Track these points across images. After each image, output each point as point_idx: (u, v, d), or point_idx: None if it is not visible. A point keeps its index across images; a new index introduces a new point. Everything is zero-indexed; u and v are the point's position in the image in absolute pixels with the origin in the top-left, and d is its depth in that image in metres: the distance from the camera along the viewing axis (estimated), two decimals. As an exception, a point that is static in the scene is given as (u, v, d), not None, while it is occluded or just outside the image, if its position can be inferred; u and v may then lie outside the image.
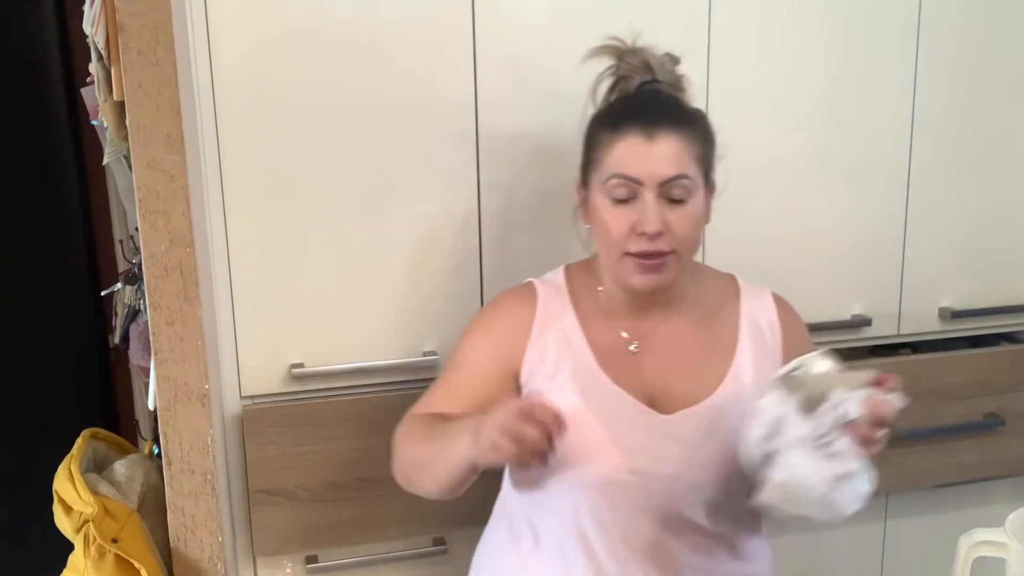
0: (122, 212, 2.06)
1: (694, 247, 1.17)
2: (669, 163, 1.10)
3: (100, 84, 1.29)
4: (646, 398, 1.18)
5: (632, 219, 1.11)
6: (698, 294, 1.23)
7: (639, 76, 1.19)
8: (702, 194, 1.15)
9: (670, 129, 1.11)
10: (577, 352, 1.19)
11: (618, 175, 1.11)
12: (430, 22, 1.29)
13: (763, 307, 1.24)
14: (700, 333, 1.22)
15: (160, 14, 1.14)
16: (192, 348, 1.22)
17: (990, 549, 0.93)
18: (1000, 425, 1.58)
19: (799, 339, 1.24)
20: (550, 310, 1.22)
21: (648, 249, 1.11)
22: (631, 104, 1.17)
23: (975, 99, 1.52)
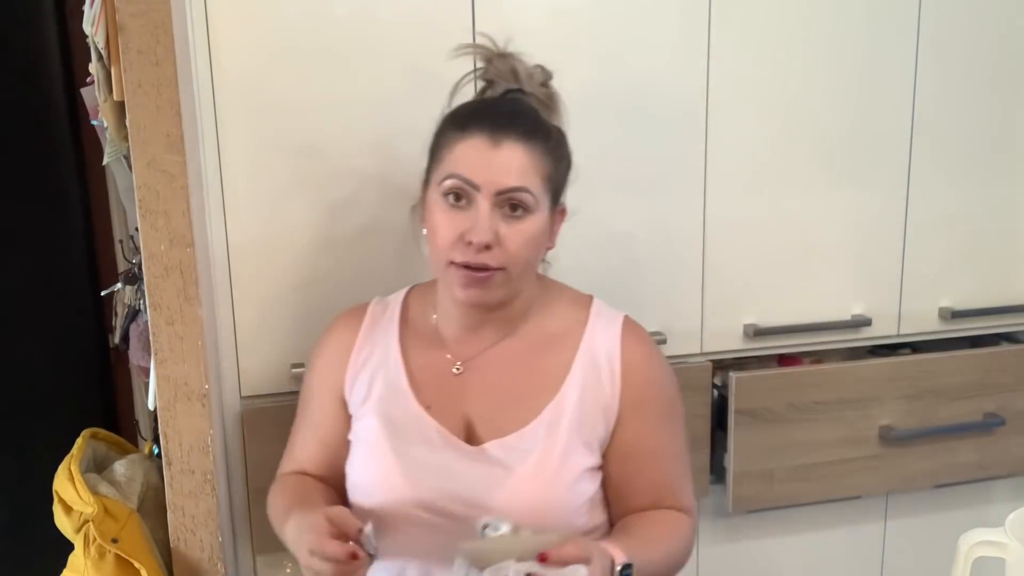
0: (122, 212, 2.06)
1: (528, 267, 1.10)
2: (511, 173, 1.04)
3: (100, 84, 1.28)
4: (462, 425, 1.11)
5: (463, 226, 1.04)
6: (542, 317, 1.16)
7: (505, 83, 1.13)
8: (545, 215, 1.08)
9: (519, 138, 1.05)
10: (392, 375, 1.14)
11: (455, 175, 1.05)
12: (430, 22, 1.29)
13: (608, 337, 1.14)
14: (532, 360, 1.14)
15: (160, 14, 1.14)
16: (192, 348, 1.22)
17: (990, 549, 0.93)
18: (1000, 425, 1.59)
19: (643, 378, 1.13)
20: (375, 331, 1.18)
21: (473, 261, 1.04)
22: (484, 106, 1.12)
23: (975, 99, 1.52)
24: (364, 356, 1.17)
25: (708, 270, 1.44)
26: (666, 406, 1.16)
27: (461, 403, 1.12)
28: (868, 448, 1.53)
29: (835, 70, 1.45)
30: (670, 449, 1.16)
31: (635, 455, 1.12)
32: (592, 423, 1.12)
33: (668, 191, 1.41)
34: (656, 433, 1.14)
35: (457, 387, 1.13)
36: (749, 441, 1.47)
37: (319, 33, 1.27)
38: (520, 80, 1.13)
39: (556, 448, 1.08)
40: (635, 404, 1.12)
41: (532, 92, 1.13)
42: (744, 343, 1.48)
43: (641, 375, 1.13)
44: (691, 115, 1.39)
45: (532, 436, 1.10)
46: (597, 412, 1.12)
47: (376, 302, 1.22)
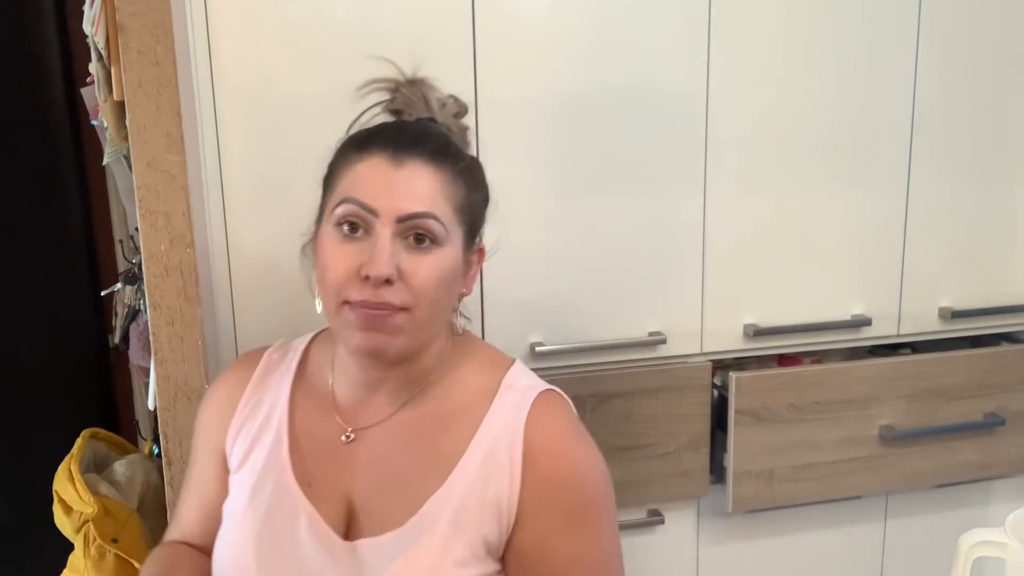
0: (122, 212, 2.06)
1: (436, 311, 0.94)
2: (415, 196, 0.90)
3: (100, 84, 1.29)
4: (343, 511, 0.96)
5: (360, 259, 0.90)
6: (449, 385, 0.99)
7: (416, 112, 1.01)
8: (457, 251, 0.94)
9: (426, 160, 0.92)
10: (274, 440, 0.99)
11: (349, 199, 0.91)
12: (430, 22, 1.29)
13: (514, 416, 0.96)
14: (425, 438, 0.97)
15: (160, 14, 1.14)
16: (192, 348, 1.22)
17: (990, 549, 0.93)
18: (1000, 425, 1.59)
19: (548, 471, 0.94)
20: (266, 383, 1.03)
21: (372, 300, 0.89)
22: (386, 126, 0.99)
23: (975, 98, 1.52)
24: (247, 413, 1.02)
25: (708, 270, 1.44)
26: (582, 505, 0.96)
27: (345, 483, 0.96)
28: (868, 448, 1.53)
29: (835, 70, 1.45)
30: (587, 560, 0.96)
31: (536, 567, 0.94)
32: (480, 523, 0.93)
33: (668, 191, 1.41)
34: (565, 541, 0.94)
35: (343, 461, 0.97)
36: (749, 441, 1.47)
37: (319, 33, 1.27)
38: (431, 109, 1.02)
39: (427, 553, 0.91)
40: (538, 504, 0.94)
41: (445, 123, 1.02)
42: (744, 343, 1.48)
43: (546, 467, 0.94)
44: (691, 115, 1.40)
45: (406, 535, 0.93)
46: (487, 510, 0.93)
47: (276, 347, 1.07)
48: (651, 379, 1.42)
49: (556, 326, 1.39)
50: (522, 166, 1.35)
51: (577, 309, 1.40)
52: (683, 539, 1.53)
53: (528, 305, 1.38)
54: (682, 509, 1.51)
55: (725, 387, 1.47)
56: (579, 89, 1.35)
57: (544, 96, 1.34)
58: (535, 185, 1.36)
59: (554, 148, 1.36)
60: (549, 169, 1.36)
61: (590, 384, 1.40)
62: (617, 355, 1.42)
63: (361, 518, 0.95)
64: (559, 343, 1.39)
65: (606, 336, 1.41)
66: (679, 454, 1.45)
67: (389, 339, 0.91)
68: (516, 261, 1.37)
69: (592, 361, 1.41)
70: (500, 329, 1.37)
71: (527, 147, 1.35)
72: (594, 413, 1.40)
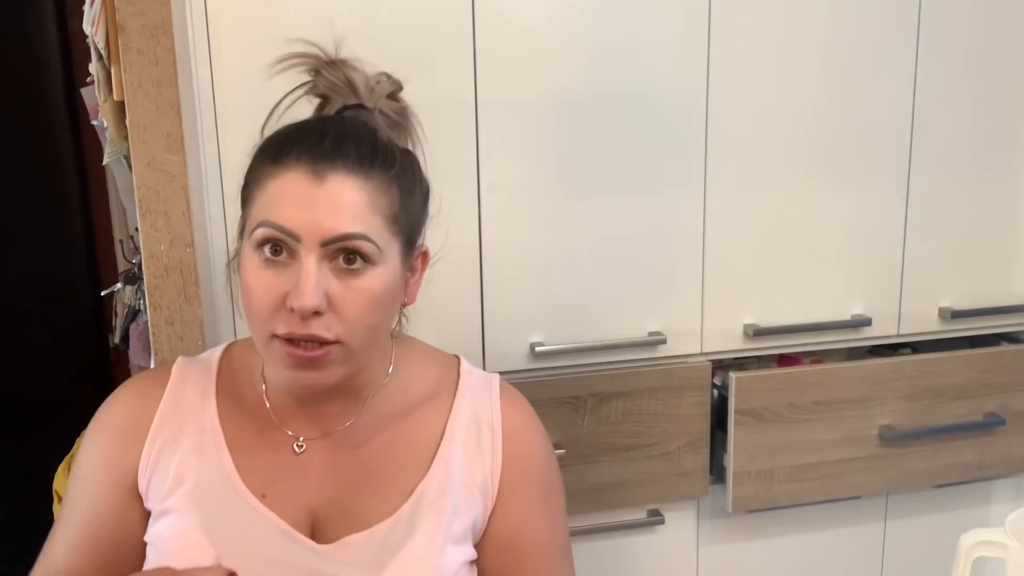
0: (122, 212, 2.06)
1: (374, 335, 0.88)
2: (340, 215, 0.82)
3: (100, 84, 1.29)
4: (307, 518, 0.91)
5: (283, 287, 0.82)
6: (400, 382, 0.97)
7: (341, 99, 0.92)
8: (395, 265, 0.87)
9: (350, 170, 0.84)
10: (211, 457, 0.92)
11: (267, 223, 0.83)
12: (430, 22, 1.29)
13: (486, 400, 0.97)
14: (393, 434, 0.95)
15: (160, 14, 1.14)
16: (192, 348, 1.22)
17: (990, 549, 0.93)
18: (1000, 425, 1.59)
19: (525, 450, 0.96)
20: (183, 401, 0.94)
21: (300, 333, 0.82)
22: (302, 130, 0.89)
23: (975, 99, 1.52)
24: (168, 435, 0.92)
25: (708, 270, 1.44)
26: (550, 484, 0.99)
27: (302, 491, 0.91)
28: (868, 448, 1.53)
29: (835, 70, 1.45)
30: (557, 538, 0.99)
31: (516, 545, 0.96)
32: (469, 506, 0.94)
33: (668, 191, 1.41)
34: (540, 518, 0.97)
35: (298, 471, 0.92)
36: (749, 441, 1.47)
37: (319, 33, 1.26)
38: (359, 92, 0.91)
39: (430, 542, 0.90)
40: (516, 481, 0.95)
41: (376, 107, 0.92)
42: (744, 343, 1.48)
43: (524, 446, 0.96)
44: (691, 115, 1.40)
45: (397, 527, 0.90)
46: (473, 492, 0.94)
47: (182, 364, 0.98)
48: (651, 379, 1.42)
49: (556, 326, 1.39)
50: (522, 166, 1.35)
51: (577, 309, 1.40)
52: (683, 539, 1.53)
53: (528, 305, 1.38)
54: (682, 509, 1.51)
55: (725, 387, 1.47)
56: (579, 89, 1.35)
57: (544, 96, 1.34)
58: (535, 185, 1.36)
59: (554, 148, 1.36)
60: (549, 169, 1.36)
61: (590, 384, 1.40)
62: (617, 355, 1.42)
63: (329, 525, 0.91)
64: (559, 343, 1.39)
65: (606, 336, 1.41)
66: (679, 454, 1.45)
67: (322, 375, 0.85)
68: (516, 261, 1.37)
69: (592, 361, 1.41)
70: (500, 329, 1.37)
71: (527, 147, 1.35)
72: (594, 413, 1.41)
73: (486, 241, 1.36)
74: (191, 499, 0.90)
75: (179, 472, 0.91)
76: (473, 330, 1.36)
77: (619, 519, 1.47)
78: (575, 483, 1.42)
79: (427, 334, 1.38)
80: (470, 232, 1.36)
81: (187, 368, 0.97)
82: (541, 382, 1.38)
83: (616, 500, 1.45)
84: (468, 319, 1.35)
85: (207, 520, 0.89)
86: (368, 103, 0.92)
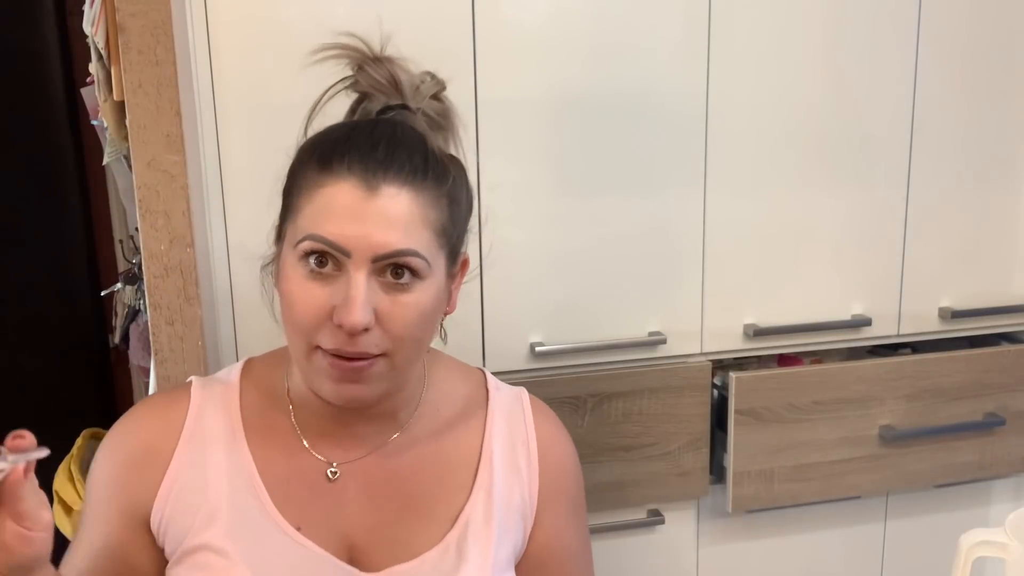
0: (122, 212, 2.06)
1: (419, 350, 0.85)
2: (392, 230, 0.78)
3: (100, 84, 1.29)
4: (345, 548, 0.87)
5: (331, 301, 0.79)
6: (433, 401, 0.93)
7: (384, 97, 0.89)
8: (441, 278, 0.84)
9: (403, 182, 0.80)
10: (243, 487, 0.86)
11: (316, 237, 0.79)
12: (430, 23, 1.29)
13: (519, 415, 0.94)
14: (431, 457, 0.91)
15: (160, 14, 1.14)
16: (192, 348, 1.22)
17: (990, 549, 0.93)
18: (1000, 425, 1.59)
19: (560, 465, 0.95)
20: (205, 427, 0.89)
21: (347, 350, 0.79)
22: (355, 135, 0.85)
23: (975, 99, 1.52)
24: (193, 465, 0.87)
25: (708, 270, 1.44)
26: (578, 494, 0.98)
27: (339, 520, 0.87)
28: (868, 448, 1.53)
29: (835, 70, 1.45)
30: (586, 547, 0.99)
31: (553, 559, 0.94)
32: (511, 529, 0.91)
33: (668, 191, 1.41)
34: (574, 530, 0.96)
35: (332, 498, 0.88)
36: (749, 441, 1.47)
37: (319, 33, 1.27)
38: (403, 92, 0.88)
39: (481, 570, 0.87)
40: (552, 497, 0.93)
41: (420, 107, 0.88)
42: (744, 343, 1.48)
43: (557, 458, 0.95)
44: (691, 115, 1.40)
45: (446, 556, 0.87)
46: (514, 515, 0.91)
47: (200, 386, 0.92)
48: (651, 379, 1.42)
49: (556, 326, 1.39)
50: (522, 166, 1.35)
51: (577, 309, 1.40)
52: (683, 539, 1.53)
53: (528, 305, 1.38)
54: (682, 509, 1.51)
55: (725, 387, 1.47)
56: (579, 89, 1.35)
57: (544, 96, 1.34)
58: (535, 185, 1.36)
59: (554, 148, 1.36)
60: (549, 169, 1.36)
61: (590, 384, 1.40)
62: (617, 355, 1.42)
63: (369, 555, 0.87)
64: (559, 343, 1.39)
65: (606, 336, 1.41)
66: (679, 454, 1.46)
67: (366, 388, 0.82)
68: (516, 261, 1.37)
69: (592, 361, 1.41)
70: (500, 329, 1.37)
71: (527, 147, 1.35)
72: (594, 413, 1.41)
73: (486, 241, 1.36)
74: (228, 534, 0.85)
75: (211, 505, 0.85)
76: (473, 330, 1.36)
77: (619, 519, 1.47)
78: (575, 483, 1.42)
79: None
80: (470, 232, 1.36)
81: (206, 390, 0.92)
82: (541, 382, 1.38)
83: (616, 500, 1.45)
84: (468, 319, 1.35)
85: (247, 555, 0.84)
86: (412, 104, 0.88)
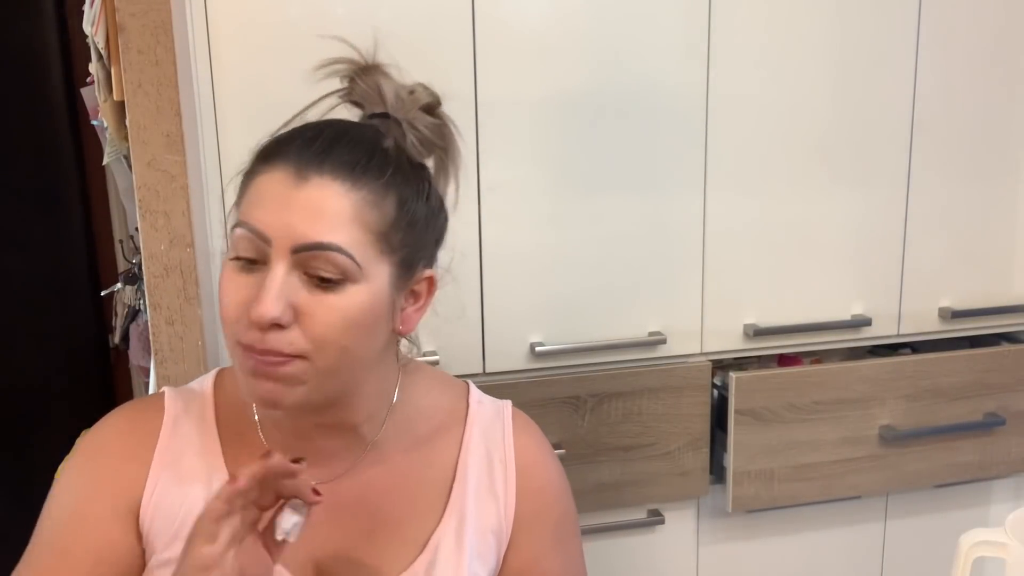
0: (122, 212, 2.07)
1: (350, 361, 0.78)
2: (317, 222, 0.74)
3: (100, 84, 1.29)
4: (312, 571, 0.84)
5: (251, 294, 0.76)
6: (407, 416, 0.88)
7: (370, 106, 0.84)
8: (379, 288, 0.78)
9: (337, 174, 0.76)
10: None
11: (242, 224, 0.78)
12: (430, 22, 1.29)
13: (498, 432, 0.90)
14: (403, 476, 0.87)
15: (160, 14, 1.14)
16: (192, 348, 1.22)
17: (990, 549, 0.93)
18: (1000, 425, 1.59)
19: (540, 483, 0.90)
20: (182, 436, 0.86)
21: (257, 344, 0.75)
22: (301, 130, 0.82)
23: (975, 99, 1.52)
24: (171, 472, 0.83)
25: (708, 270, 1.44)
26: (564, 517, 0.93)
27: (305, 541, 0.79)
28: (868, 448, 1.53)
29: (835, 70, 1.45)
30: (570, 574, 0.93)
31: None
32: (484, 553, 0.87)
33: (668, 191, 1.41)
34: (553, 556, 0.91)
35: None
36: (749, 441, 1.47)
37: (319, 33, 1.26)
38: (386, 101, 0.83)
39: None
40: (530, 519, 0.89)
41: (406, 119, 0.83)
42: (744, 343, 1.48)
43: (538, 479, 0.90)
44: (691, 115, 1.40)
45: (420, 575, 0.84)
46: (488, 538, 0.87)
47: (174, 395, 0.89)
48: (651, 379, 1.42)
49: (556, 326, 1.39)
50: (522, 166, 1.35)
51: (577, 309, 1.40)
52: (683, 539, 1.53)
53: (528, 305, 1.38)
54: (682, 509, 1.51)
55: (725, 387, 1.47)
56: (579, 89, 1.35)
57: (544, 96, 1.34)
58: (535, 185, 1.36)
59: (554, 148, 1.36)
60: (549, 169, 1.36)
61: (590, 384, 1.40)
62: (617, 355, 1.42)
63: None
64: (559, 343, 1.39)
65: (606, 336, 1.41)
66: (679, 454, 1.46)
67: (284, 389, 0.77)
68: (516, 261, 1.37)
69: (592, 361, 1.41)
70: (500, 329, 1.37)
71: (527, 147, 1.35)
72: (594, 413, 1.41)
73: (486, 241, 1.36)
74: None
75: (183, 518, 0.81)
76: (473, 330, 1.36)
77: (619, 519, 1.47)
78: (575, 483, 1.41)
79: (426, 335, 1.38)
80: (470, 232, 1.36)
81: (180, 400, 0.88)
82: (541, 382, 1.38)
83: (616, 500, 1.45)
84: (468, 319, 1.35)
85: None
86: (396, 113, 0.83)
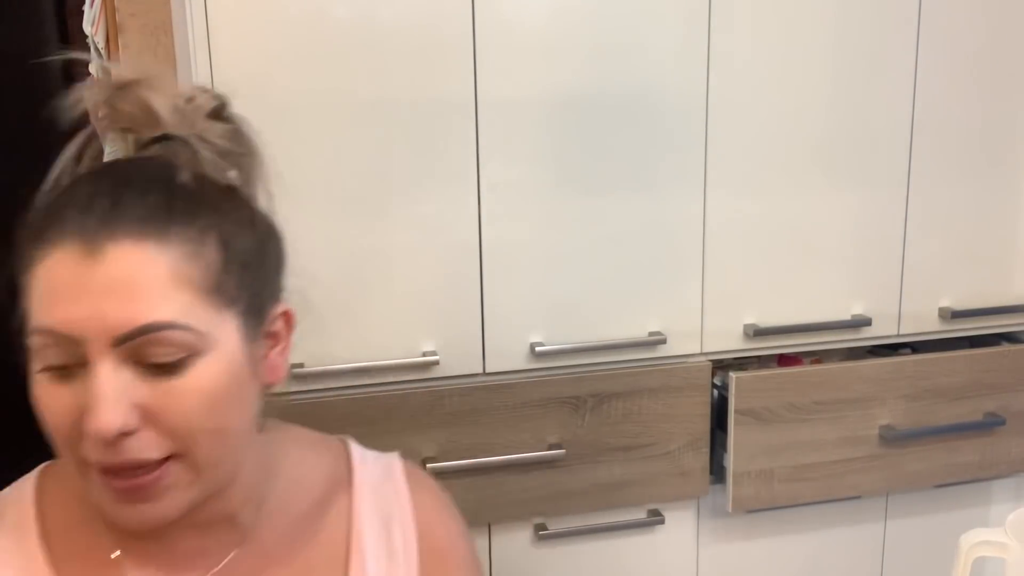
0: (122, 212, 2.06)
1: (222, 440, 0.66)
2: (132, 301, 0.60)
3: (100, 84, 1.29)
4: None
5: (80, 403, 0.62)
6: (284, 494, 0.76)
7: (145, 130, 0.69)
8: (231, 349, 0.65)
9: (136, 234, 0.61)
10: None
11: (40, 329, 0.64)
12: (430, 22, 1.29)
13: (391, 491, 0.79)
14: (284, 562, 0.74)
15: (160, 14, 1.14)
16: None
17: (990, 549, 0.93)
18: (1000, 425, 1.58)
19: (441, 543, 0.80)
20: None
21: (113, 462, 0.62)
22: (75, 187, 0.66)
23: (975, 98, 1.52)
24: None
25: (708, 270, 1.44)
26: (467, 571, 0.83)
27: None
28: (868, 448, 1.53)
29: (835, 70, 1.45)
30: None
31: None
32: None
33: (668, 191, 1.41)
34: None
35: None
36: (749, 441, 1.47)
37: (319, 33, 1.27)
38: (160, 119, 0.68)
39: None
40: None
41: (194, 134, 0.68)
42: (744, 343, 1.48)
43: (440, 538, 0.81)
44: (691, 114, 1.40)
45: None
46: None
47: None
48: (651, 379, 1.42)
49: (556, 326, 1.39)
50: (522, 166, 1.35)
51: (577, 309, 1.40)
52: (683, 539, 1.53)
53: (528, 305, 1.38)
54: (682, 509, 1.51)
55: (725, 387, 1.47)
56: (579, 89, 1.35)
57: (544, 96, 1.34)
58: (535, 185, 1.36)
59: (554, 148, 1.36)
60: (549, 169, 1.36)
61: (590, 384, 1.40)
62: (617, 355, 1.42)
63: None
64: (559, 343, 1.39)
65: (606, 336, 1.41)
66: (679, 454, 1.45)
67: (164, 505, 0.64)
68: (516, 261, 1.37)
69: (592, 361, 1.41)
70: (500, 329, 1.37)
71: (527, 147, 1.35)
72: (594, 413, 1.41)
73: (486, 240, 1.36)
74: None
75: None
76: (473, 330, 1.36)
77: (619, 519, 1.47)
78: (575, 483, 1.42)
79: (426, 335, 1.38)
80: (470, 231, 1.36)
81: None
82: (541, 382, 1.38)
83: (616, 500, 1.45)
84: (468, 319, 1.35)
85: None
86: (179, 131, 0.68)
